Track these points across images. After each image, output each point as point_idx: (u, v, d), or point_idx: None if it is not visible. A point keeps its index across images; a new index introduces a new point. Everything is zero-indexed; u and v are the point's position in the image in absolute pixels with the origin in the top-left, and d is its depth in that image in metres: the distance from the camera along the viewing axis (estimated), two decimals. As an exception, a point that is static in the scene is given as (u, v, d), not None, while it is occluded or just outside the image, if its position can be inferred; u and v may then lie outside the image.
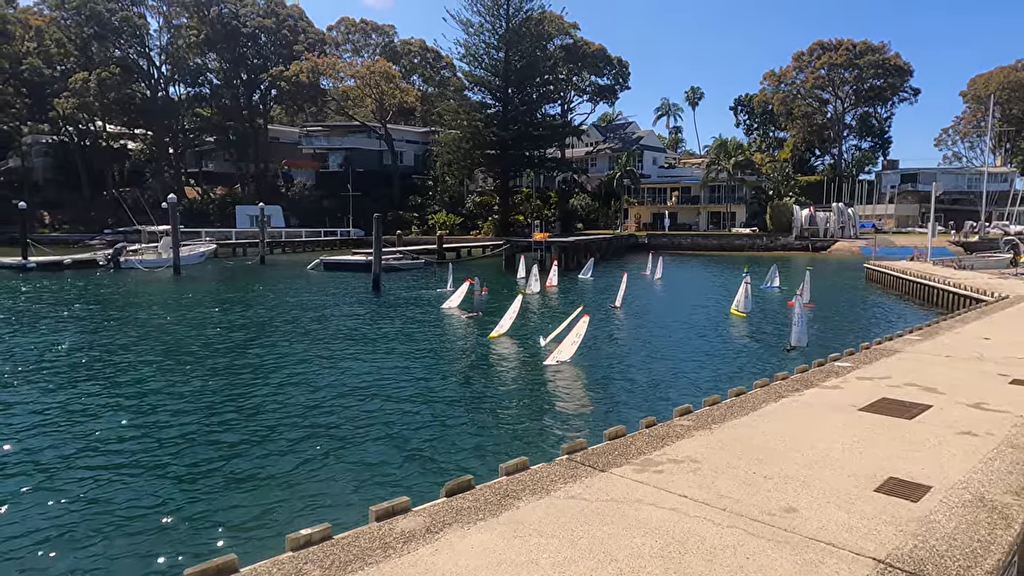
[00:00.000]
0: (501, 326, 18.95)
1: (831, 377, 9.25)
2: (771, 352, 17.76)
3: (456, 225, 74.52)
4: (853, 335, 19.06)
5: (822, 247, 64.18)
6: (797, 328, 17.57)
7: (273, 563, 4.06)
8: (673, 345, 18.88)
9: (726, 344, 19.27)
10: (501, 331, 18.85)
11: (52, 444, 10.12)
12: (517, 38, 69.55)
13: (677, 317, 24.34)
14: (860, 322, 23.74)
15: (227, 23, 78.45)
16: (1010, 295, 20.23)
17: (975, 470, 5.63)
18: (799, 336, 17.52)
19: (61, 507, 7.94)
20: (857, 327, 22.08)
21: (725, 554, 4.17)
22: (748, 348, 18.70)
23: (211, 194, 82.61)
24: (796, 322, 17.69)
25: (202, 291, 32.96)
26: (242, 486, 8.59)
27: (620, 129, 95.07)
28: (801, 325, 17.57)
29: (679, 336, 20.42)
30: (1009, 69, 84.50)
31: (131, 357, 16.44)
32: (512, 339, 18.75)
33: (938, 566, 4.00)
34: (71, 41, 77.46)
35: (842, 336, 19.35)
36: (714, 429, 6.83)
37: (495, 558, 4.13)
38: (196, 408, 12.05)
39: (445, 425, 11.16)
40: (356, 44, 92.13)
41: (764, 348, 18.51)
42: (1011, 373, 9.50)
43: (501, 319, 19.22)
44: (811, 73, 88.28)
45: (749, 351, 18.23)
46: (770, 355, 17.37)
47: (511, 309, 19.07)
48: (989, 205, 64.61)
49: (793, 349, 17.28)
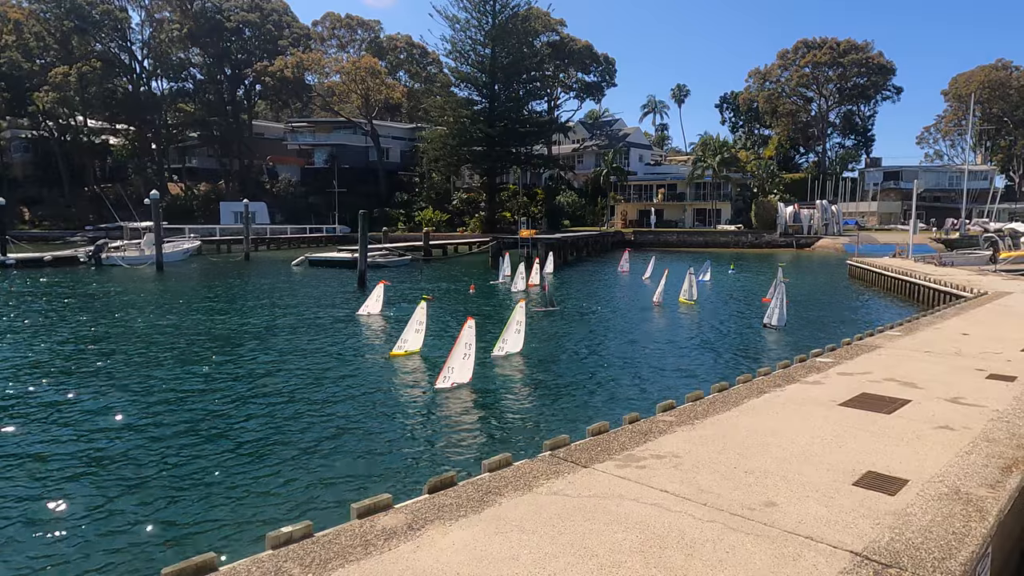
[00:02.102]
0: (405, 341, 15.72)
1: (812, 373, 9.34)
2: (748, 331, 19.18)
3: (443, 222, 74.28)
4: (835, 331, 19.25)
5: (806, 244, 64.75)
6: (778, 310, 19.82)
7: (253, 561, 4.04)
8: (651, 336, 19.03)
9: (697, 334, 19.50)
10: (407, 348, 15.65)
11: (23, 442, 9.99)
12: (504, 34, 69.41)
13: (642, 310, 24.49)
14: (842, 318, 23.99)
15: (211, 17, 77.59)
16: (989, 291, 20.53)
17: (951, 464, 5.71)
18: (780, 317, 19.80)
19: (35, 507, 7.84)
20: (839, 323, 22.31)
21: (705, 548, 4.20)
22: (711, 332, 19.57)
23: (195, 190, 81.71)
24: (776, 304, 19.95)
25: (185, 288, 32.64)
26: (221, 485, 8.53)
27: (607, 126, 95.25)
28: (781, 307, 19.89)
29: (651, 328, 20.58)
30: (989, 68, 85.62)
31: (109, 355, 16.25)
32: (421, 359, 15.54)
33: (913, 558, 4.06)
34: (51, 35, 76.25)
35: (824, 332, 19.54)
36: (696, 425, 6.88)
37: (476, 554, 4.14)
38: (174, 407, 11.93)
39: (428, 419, 11.16)
40: (341, 39, 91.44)
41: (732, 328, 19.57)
42: (988, 368, 9.64)
43: (403, 331, 15.97)
44: (796, 71, 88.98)
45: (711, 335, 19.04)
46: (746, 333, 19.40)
47: (415, 318, 15.81)
48: (969, 202, 65.47)
49: (771, 327, 19.63)
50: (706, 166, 75.56)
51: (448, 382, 12.75)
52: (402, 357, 15.51)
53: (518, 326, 15.54)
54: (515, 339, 15.56)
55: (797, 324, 22.64)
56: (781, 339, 18.93)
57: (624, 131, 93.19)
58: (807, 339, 17.95)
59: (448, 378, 12.79)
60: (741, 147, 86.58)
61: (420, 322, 15.68)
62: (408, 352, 15.58)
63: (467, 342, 13.00)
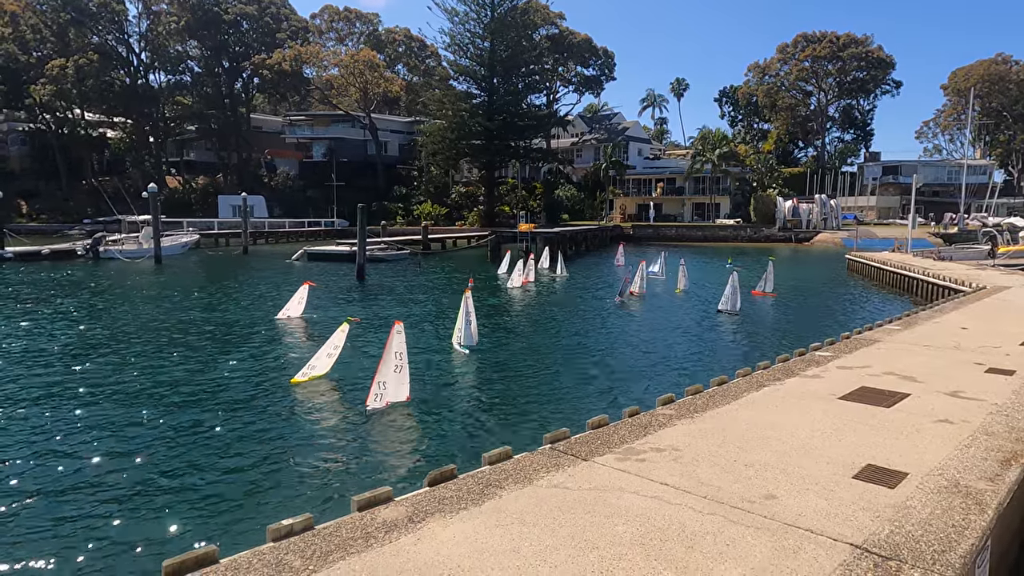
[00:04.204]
0: (313, 367, 12.79)
1: (812, 366, 9.35)
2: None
3: (441, 216, 74.19)
4: (834, 325, 19.29)
5: (805, 238, 64.75)
6: (731, 296, 21.36)
7: (253, 554, 4.04)
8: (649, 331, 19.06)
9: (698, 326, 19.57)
10: (313, 374, 12.70)
11: (21, 433, 9.99)
12: (503, 27, 69.12)
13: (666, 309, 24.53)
14: (841, 312, 24.05)
15: (208, 10, 77.13)
16: (987, 286, 20.55)
17: (951, 457, 5.72)
18: (733, 303, 21.34)
19: (33, 498, 7.84)
20: (838, 317, 22.37)
21: (705, 541, 4.21)
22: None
23: (193, 184, 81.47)
24: (729, 292, 21.43)
25: (183, 281, 32.59)
26: (224, 478, 8.53)
27: (605, 120, 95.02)
28: (734, 294, 21.42)
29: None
30: (989, 62, 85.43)
31: (111, 344, 16.23)
32: (331, 383, 12.71)
33: (913, 551, 4.06)
34: (47, 27, 75.81)
35: (823, 326, 19.57)
36: (696, 418, 6.89)
37: (477, 547, 4.14)
38: (174, 398, 11.93)
39: (428, 414, 11.17)
40: (340, 32, 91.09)
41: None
42: (987, 362, 9.65)
43: (314, 357, 13.07)
44: (795, 65, 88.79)
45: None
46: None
47: (332, 341, 12.91)
48: (968, 197, 65.46)
49: (725, 312, 21.17)
50: (705, 160, 75.47)
51: (381, 401, 10.71)
52: (307, 383, 12.53)
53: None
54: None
55: (796, 318, 22.76)
56: (760, 331, 19.32)
57: (623, 125, 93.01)
58: (806, 333, 17.97)
59: (380, 396, 10.74)
60: (740, 141, 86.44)
61: (336, 346, 12.81)
62: (313, 378, 12.66)
63: (397, 351, 10.87)
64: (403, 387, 10.96)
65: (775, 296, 25.99)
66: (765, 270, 26.99)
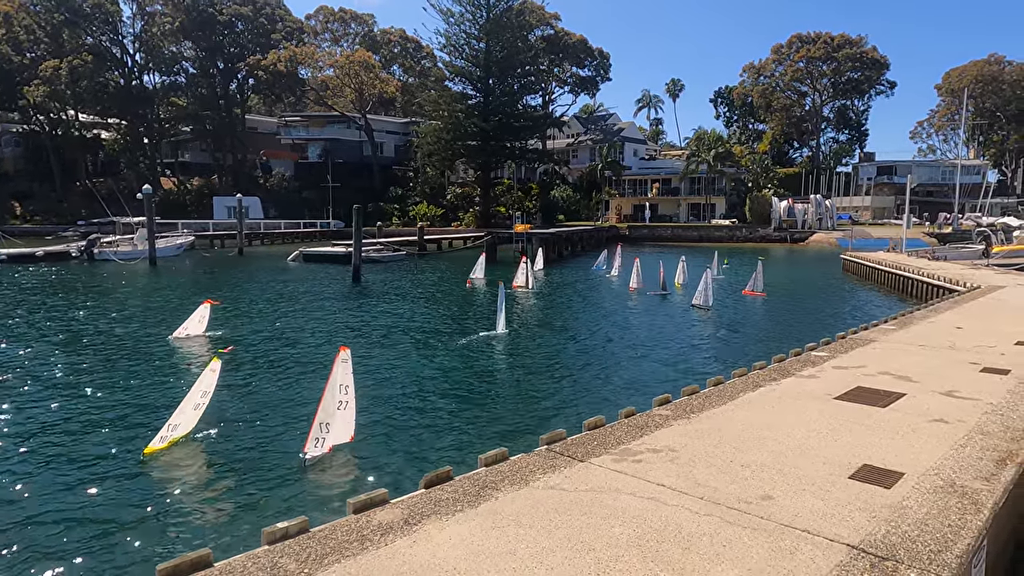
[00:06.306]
0: (175, 426, 9.31)
1: (808, 366, 9.35)
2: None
3: (437, 216, 74.13)
4: (830, 325, 19.32)
5: (800, 239, 64.90)
6: (704, 292, 22.59)
7: (248, 557, 4.01)
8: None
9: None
10: (175, 436, 9.28)
11: (16, 435, 9.93)
12: (498, 28, 69.07)
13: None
14: (836, 312, 24.11)
15: (203, 10, 76.93)
16: (982, 285, 20.61)
17: (946, 457, 5.72)
18: (706, 298, 22.55)
19: (28, 502, 7.78)
20: (833, 317, 22.42)
21: (702, 542, 4.20)
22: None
23: (187, 185, 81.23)
24: (703, 287, 22.68)
25: (177, 283, 32.48)
26: (218, 482, 8.49)
27: (601, 121, 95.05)
28: (707, 289, 22.71)
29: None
30: (982, 63, 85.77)
31: (102, 346, 16.16)
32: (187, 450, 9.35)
33: (909, 551, 4.06)
34: (41, 27, 75.51)
35: (819, 326, 19.60)
36: (692, 418, 6.88)
37: (473, 549, 4.12)
38: (166, 402, 11.87)
39: (424, 413, 11.14)
40: (335, 33, 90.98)
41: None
42: (982, 361, 9.67)
43: (173, 415, 9.45)
44: (790, 66, 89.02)
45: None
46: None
47: (200, 386, 9.62)
48: (962, 197, 65.62)
49: (699, 307, 22.41)
50: (700, 161, 75.60)
51: (323, 447, 8.80)
52: (164, 451, 9.15)
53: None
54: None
55: (791, 318, 22.80)
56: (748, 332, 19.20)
57: (619, 126, 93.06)
58: (802, 333, 17.99)
59: (322, 440, 8.80)
60: (735, 142, 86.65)
61: (206, 392, 9.66)
62: (174, 441, 9.28)
63: (343, 384, 8.96)
64: (348, 427, 9.08)
65: (764, 296, 26.40)
66: (755, 270, 27.47)
